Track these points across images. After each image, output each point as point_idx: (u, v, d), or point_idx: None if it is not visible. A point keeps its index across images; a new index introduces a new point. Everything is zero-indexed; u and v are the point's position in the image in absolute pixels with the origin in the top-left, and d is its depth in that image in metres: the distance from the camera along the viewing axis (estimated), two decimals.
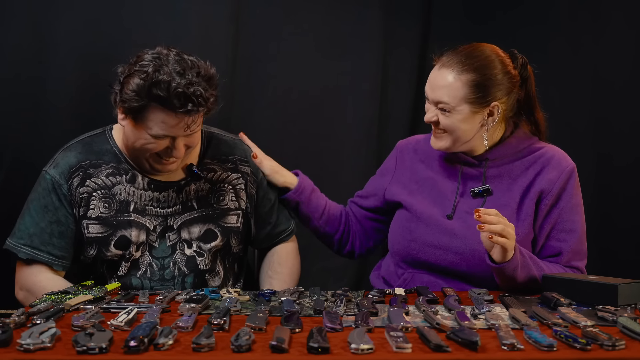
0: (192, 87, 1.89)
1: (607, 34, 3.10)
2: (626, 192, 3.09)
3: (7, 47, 2.71)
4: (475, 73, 1.99)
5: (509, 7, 3.16)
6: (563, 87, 3.12)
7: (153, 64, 1.91)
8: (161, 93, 1.88)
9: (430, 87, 2.05)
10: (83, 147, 2.10)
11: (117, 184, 2.06)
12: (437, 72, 2.03)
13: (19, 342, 1.30)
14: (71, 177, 2.04)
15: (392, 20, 3.15)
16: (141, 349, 1.30)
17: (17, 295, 2.10)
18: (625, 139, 3.10)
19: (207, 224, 2.12)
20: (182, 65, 1.91)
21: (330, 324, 1.48)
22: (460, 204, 2.09)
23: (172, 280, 2.08)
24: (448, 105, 2.00)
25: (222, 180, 2.16)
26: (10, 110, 2.72)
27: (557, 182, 2.05)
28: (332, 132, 3.10)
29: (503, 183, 2.08)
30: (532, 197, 2.05)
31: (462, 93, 1.99)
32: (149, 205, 2.08)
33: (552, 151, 2.11)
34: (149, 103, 1.91)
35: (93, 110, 2.74)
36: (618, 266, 3.00)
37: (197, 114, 1.94)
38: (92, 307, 1.65)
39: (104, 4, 2.79)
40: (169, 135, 1.96)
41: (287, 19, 3.02)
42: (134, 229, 2.05)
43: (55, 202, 2.04)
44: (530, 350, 1.34)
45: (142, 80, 1.90)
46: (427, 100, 2.08)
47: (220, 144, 2.21)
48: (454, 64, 2.00)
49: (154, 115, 1.92)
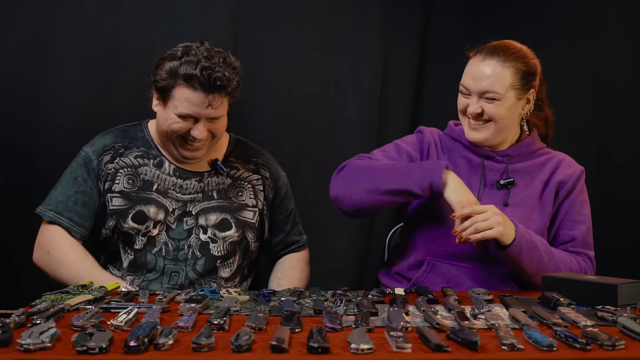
0: (216, 68, 2.07)
1: (605, 33, 3.10)
2: (626, 190, 3.09)
3: (7, 47, 2.71)
4: (519, 62, 2.11)
5: (508, 7, 3.16)
6: (563, 87, 3.12)
7: (182, 49, 2.12)
8: (187, 71, 2.06)
9: (473, 78, 2.10)
10: (119, 132, 2.28)
11: (143, 165, 2.22)
12: (482, 64, 2.10)
13: (19, 342, 1.30)
14: (103, 154, 2.21)
15: (392, 20, 3.15)
16: (141, 349, 1.30)
17: (34, 256, 2.20)
18: (625, 137, 3.10)
19: (224, 214, 2.23)
20: (210, 52, 2.11)
21: (330, 324, 1.48)
22: (484, 196, 2.15)
23: (185, 262, 2.18)
24: (497, 94, 2.08)
25: (243, 178, 2.30)
26: (11, 110, 2.72)
27: (572, 176, 2.19)
28: (332, 131, 3.10)
29: (524, 177, 2.18)
30: (552, 188, 2.16)
31: (510, 81, 2.09)
32: (171, 189, 2.21)
33: (563, 155, 2.26)
34: (176, 81, 2.08)
35: (93, 111, 2.75)
36: (618, 266, 3.00)
37: (220, 95, 2.09)
38: (92, 307, 1.65)
39: (104, 4, 2.80)
40: (193, 116, 2.10)
41: (287, 19, 3.02)
42: (152, 206, 2.18)
43: (84, 174, 2.20)
44: (530, 350, 1.34)
45: (172, 60, 2.10)
46: (466, 93, 2.13)
47: (245, 147, 2.37)
48: (498, 55, 2.10)
49: (179, 93, 2.09)
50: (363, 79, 3.12)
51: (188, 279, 2.18)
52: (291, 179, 2.46)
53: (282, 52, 3.01)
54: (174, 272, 2.18)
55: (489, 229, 1.93)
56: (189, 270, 2.18)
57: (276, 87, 3.02)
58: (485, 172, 2.18)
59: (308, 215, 2.63)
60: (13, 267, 2.69)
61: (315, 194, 3.01)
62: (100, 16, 2.79)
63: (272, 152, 2.39)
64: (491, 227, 1.93)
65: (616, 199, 3.10)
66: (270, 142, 2.88)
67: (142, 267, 2.18)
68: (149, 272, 2.18)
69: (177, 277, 2.17)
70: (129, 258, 2.18)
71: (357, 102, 3.11)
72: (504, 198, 2.14)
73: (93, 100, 2.77)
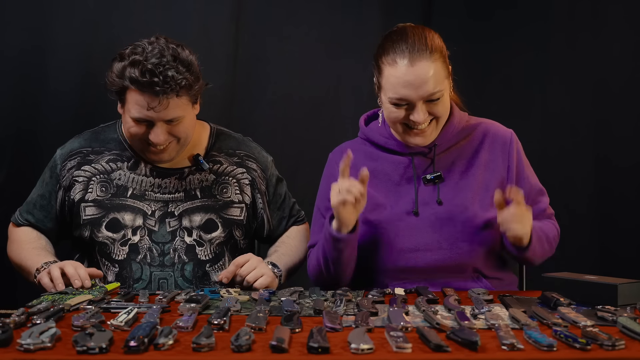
0: (161, 68, 1.95)
1: (606, 33, 3.10)
2: (626, 192, 3.10)
3: (7, 46, 2.72)
4: (439, 48, 1.98)
5: (509, 6, 3.16)
6: (563, 86, 3.13)
7: (131, 48, 2.01)
8: (133, 73, 1.95)
9: (413, 87, 1.94)
10: (91, 135, 2.20)
11: (116, 170, 2.14)
12: (413, 69, 1.93)
13: (19, 342, 1.30)
14: (68, 159, 2.16)
15: (392, 20, 3.13)
16: (141, 349, 1.30)
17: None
18: (625, 138, 3.10)
19: (209, 214, 2.14)
20: (161, 50, 1.98)
21: (330, 324, 1.48)
22: (421, 195, 2.06)
23: (172, 267, 2.11)
24: (441, 91, 1.96)
25: (227, 173, 2.20)
26: (11, 110, 2.73)
27: (509, 155, 2.08)
28: (332, 132, 3.10)
29: (459, 166, 2.08)
30: (495, 171, 2.06)
31: (444, 72, 1.98)
32: (149, 190, 2.13)
33: (491, 126, 2.13)
34: (126, 84, 1.98)
35: (93, 111, 2.75)
36: (618, 266, 3.00)
37: (168, 96, 1.96)
38: (92, 307, 1.65)
39: (104, 4, 2.80)
40: (145, 119, 2.01)
41: (287, 19, 3.03)
42: (127, 213, 2.10)
43: (47, 178, 2.19)
44: (530, 350, 1.34)
45: (121, 61, 2.00)
46: (403, 104, 1.97)
47: (228, 139, 2.26)
48: (422, 52, 1.94)
49: (130, 97, 2.00)
50: (363, 79, 3.12)
51: (178, 287, 2.09)
52: (291, 179, 2.45)
53: (282, 52, 3.02)
54: (162, 279, 2.10)
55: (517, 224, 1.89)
56: (177, 276, 2.10)
57: (276, 87, 3.03)
58: (417, 171, 2.08)
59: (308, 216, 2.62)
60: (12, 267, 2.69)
61: (315, 194, 3.00)
62: (100, 16, 2.80)
63: (272, 152, 2.38)
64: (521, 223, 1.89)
65: (617, 200, 3.10)
66: (270, 142, 2.87)
67: (128, 278, 2.09)
68: (135, 282, 2.09)
69: (166, 285, 2.10)
70: (114, 271, 2.10)
71: (357, 103, 3.11)
72: (435, 193, 2.04)
73: (93, 101, 2.78)
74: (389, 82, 1.98)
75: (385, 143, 2.12)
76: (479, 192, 2.05)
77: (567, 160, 3.11)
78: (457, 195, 2.05)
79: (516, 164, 2.09)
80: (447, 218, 2.03)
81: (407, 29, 2.01)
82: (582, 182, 3.09)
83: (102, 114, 2.36)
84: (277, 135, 3.01)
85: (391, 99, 1.98)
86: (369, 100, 3.16)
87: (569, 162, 3.11)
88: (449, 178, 2.07)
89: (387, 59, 1.98)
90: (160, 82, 1.94)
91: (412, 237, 2.04)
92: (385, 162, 2.12)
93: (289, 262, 2.18)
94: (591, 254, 3.07)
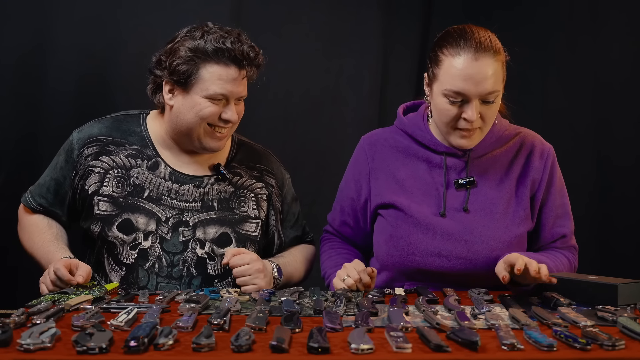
0: (242, 39, 1.99)
1: (606, 33, 3.10)
2: (626, 192, 3.10)
3: (7, 47, 2.72)
4: (501, 51, 1.93)
5: (509, 7, 3.16)
6: (563, 86, 3.13)
7: (199, 28, 2.00)
8: (216, 46, 1.95)
9: (473, 82, 1.87)
10: (112, 123, 2.13)
11: (135, 167, 2.08)
12: (477, 63, 1.87)
13: (19, 342, 1.30)
14: (86, 145, 2.09)
15: (392, 20, 3.15)
16: (141, 349, 1.30)
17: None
18: (625, 138, 3.10)
19: (224, 227, 2.09)
20: (224, 29, 2.00)
21: (330, 324, 1.48)
22: (450, 198, 2.02)
23: (179, 280, 2.05)
24: (497, 94, 1.91)
25: (246, 186, 2.15)
26: (11, 111, 2.72)
27: (544, 169, 2.05)
28: (332, 131, 3.10)
29: (492, 174, 2.04)
30: (526, 186, 2.03)
31: (502, 74, 1.93)
32: (165, 195, 2.07)
33: (529, 136, 2.09)
34: (204, 61, 1.96)
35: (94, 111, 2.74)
36: (618, 265, 3.00)
37: (249, 69, 2.00)
38: (92, 307, 1.65)
39: (104, 4, 2.80)
40: (226, 95, 1.98)
41: (287, 19, 3.03)
42: (141, 216, 2.04)
43: (62, 162, 2.12)
44: (530, 350, 1.34)
45: (194, 41, 1.97)
46: (459, 100, 1.90)
47: (250, 151, 2.23)
48: (487, 49, 1.88)
49: (209, 73, 1.97)
50: (363, 79, 3.12)
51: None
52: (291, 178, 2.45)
53: (282, 52, 3.01)
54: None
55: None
56: (184, 289, 2.02)
57: (276, 88, 3.02)
58: (448, 172, 2.03)
59: (308, 216, 2.63)
60: (12, 267, 2.69)
61: (315, 194, 3.01)
62: (100, 16, 2.80)
63: (272, 151, 2.38)
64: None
65: (617, 200, 3.10)
66: (270, 142, 2.86)
67: (133, 284, 2.04)
68: (141, 289, 2.00)
69: None
70: (120, 274, 2.05)
71: (357, 102, 3.11)
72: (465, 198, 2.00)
73: (93, 101, 2.78)
74: (449, 73, 1.90)
75: (421, 137, 2.07)
76: (510, 205, 2.02)
77: (567, 160, 3.09)
78: (487, 205, 2.01)
79: (548, 179, 2.05)
80: (474, 227, 1.98)
81: (472, 27, 1.94)
82: (582, 181, 3.08)
83: (102, 113, 2.35)
84: (278, 134, 3.01)
85: (447, 92, 1.91)
86: (369, 99, 3.18)
87: (568, 162, 3.09)
88: (481, 185, 2.02)
89: (450, 50, 1.90)
90: (249, 53, 1.97)
91: (434, 239, 1.99)
92: (416, 156, 2.08)
93: (290, 273, 2.15)
94: (591, 253, 3.07)
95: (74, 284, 1.86)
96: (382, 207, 2.08)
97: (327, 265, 2.16)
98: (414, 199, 2.04)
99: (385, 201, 2.06)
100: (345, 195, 2.19)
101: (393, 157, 2.10)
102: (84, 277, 1.87)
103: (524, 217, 2.02)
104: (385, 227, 2.06)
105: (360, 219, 2.16)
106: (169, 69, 1.99)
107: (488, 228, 1.98)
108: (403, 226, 2.02)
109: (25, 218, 2.18)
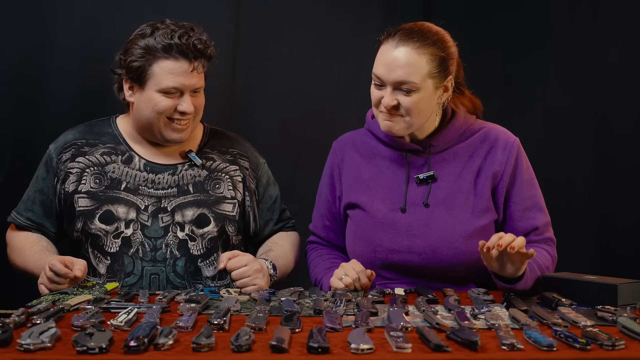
0: (191, 34, 2.07)
1: (606, 33, 3.09)
2: (626, 191, 3.09)
3: (7, 47, 2.72)
4: (436, 47, 1.95)
5: (509, 7, 3.16)
6: (563, 86, 3.12)
7: (149, 26, 2.10)
8: (164, 41, 2.04)
9: (387, 68, 1.94)
10: (84, 128, 2.23)
11: (110, 163, 2.16)
12: (395, 51, 1.93)
13: (19, 342, 1.30)
14: (63, 151, 2.18)
15: (392, 20, 3.13)
16: (141, 349, 1.30)
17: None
18: (625, 137, 3.10)
19: (201, 208, 2.15)
20: (177, 24, 2.10)
21: (330, 324, 1.48)
22: (411, 194, 2.05)
23: (164, 263, 2.11)
24: (414, 84, 1.93)
25: (220, 169, 2.22)
26: (11, 110, 2.72)
27: (507, 162, 2.03)
28: (332, 132, 3.08)
29: (452, 168, 2.05)
30: (487, 178, 2.03)
31: (427, 69, 1.94)
32: (142, 185, 2.14)
33: (494, 130, 2.09)
34: (154, 57, 2.05)
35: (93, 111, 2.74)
36: (617, 264, 3.00)
37: (200, 62, 2.07)
38: (92, 307, 1.65)
39: (103, 4, 2.80)
40: (178, 88, 2.06)
41: (287, 19, 3.02)
42: (121, 206, 2.11)
43: (43, 173, 2.19)
44: (530, 350, 1.34)
45: (144, 38, 2.07)
46: (379, 84, 1.98)
47: (222, 137, 2.30)
48: (413, 40, 1.93)
49: (160, 68, 2.05)
50: (363, 79, 3.11)
51: (170, 283, 2.10)
52: (291, 178, 2.46)
53: (282, 52, 3.01)
54: (153, 275, 2.10)
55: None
56: (169, 271, 2.10)
57: (276, 88, 3.02)
58: (410, 168, 2.07)
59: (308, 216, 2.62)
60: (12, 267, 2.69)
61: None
62: (99, 16, 2.79)
63: (272, 152, 2.39)
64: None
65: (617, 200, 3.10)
66: (270, 142, 2.88)
67: (119, 271, 2.09)
68: (127, 276, 2.09)
69: (157, 280, 2.10)
70: (106, 263, 2.10)
71: (357, 102, 3.10)
72: (426, 193, 2.03)
73: (93, 101, 2.77)
74: (377, 57, 2.00)
75: (384, 136, 2.12)
76: (469, 198, 2.03)
77: (567, 159, 3.10)
78: (446, 198, 2.03)
79: (512, 172, 2.03)
80: (433, 222, 2.01)
81: (421, 23, 2.02)
82: (581, 181, 3.08)
83: (102, 114, 2.35)
84: (277, 134, 3.01)
85: (373, 76, 2.00)
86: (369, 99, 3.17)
87: (568, 161, 3.10)
88: (441, 180, 2.05)
89: (386, 37, 1.99)
90: (197, 45, 2.05)
91: (395, 236, 2.03)
92: (380, 155, 2.13)
93: (283, 266, 2.18)
94: (591, 253, 3.07)
95: (71, 277, 1.87)
96: (349, 207, 2.14)
97: (318, 270, 2.17)
98: (376, 196, 2.08)
99: (351, 201, 2.12)
100: (322, 200, 2.24)
101: (360, 157, 2.16)
102: (82, 270, 1.89)
103: (484, 209, 2.02)
104: (351, 227, 2.13)
105: (340, 221, 2.21)
106: (125, 67, 2.10)
107: (446, 221, 2.00)
108: (365, 226, 2.07)
109: (13, 238, 2.21)
